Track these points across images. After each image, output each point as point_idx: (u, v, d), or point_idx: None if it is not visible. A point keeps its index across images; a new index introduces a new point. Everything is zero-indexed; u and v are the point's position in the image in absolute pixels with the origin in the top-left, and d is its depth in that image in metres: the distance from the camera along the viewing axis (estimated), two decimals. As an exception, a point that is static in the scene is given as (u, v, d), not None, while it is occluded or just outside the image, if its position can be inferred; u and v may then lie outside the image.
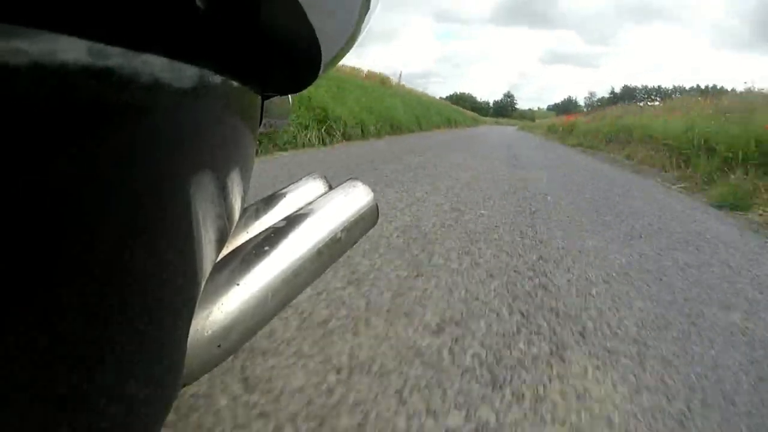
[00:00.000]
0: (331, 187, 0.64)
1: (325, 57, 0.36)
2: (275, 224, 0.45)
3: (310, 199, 0.53)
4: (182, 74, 0.23)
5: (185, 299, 0.27)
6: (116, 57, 0.17)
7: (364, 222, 0.50)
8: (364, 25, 0.41)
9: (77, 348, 0.17)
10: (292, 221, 0.45)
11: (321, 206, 0.48)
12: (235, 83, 0.33)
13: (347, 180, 0.54)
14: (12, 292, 0.14)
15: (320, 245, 0.44)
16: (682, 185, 4.51)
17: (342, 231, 0.47)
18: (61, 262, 0.15)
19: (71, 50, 0.15)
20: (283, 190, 0.66)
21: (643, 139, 7.13)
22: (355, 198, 0.50)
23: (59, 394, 0.16)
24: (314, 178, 0.69)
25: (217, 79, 0.28)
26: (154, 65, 0.20)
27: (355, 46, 0.44)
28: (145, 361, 0.22)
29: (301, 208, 0.48)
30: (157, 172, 0.21)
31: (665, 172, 5.38)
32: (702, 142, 5.19)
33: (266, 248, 0.40)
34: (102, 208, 0.17)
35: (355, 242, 0.50)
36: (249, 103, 0.42)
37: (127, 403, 0.21)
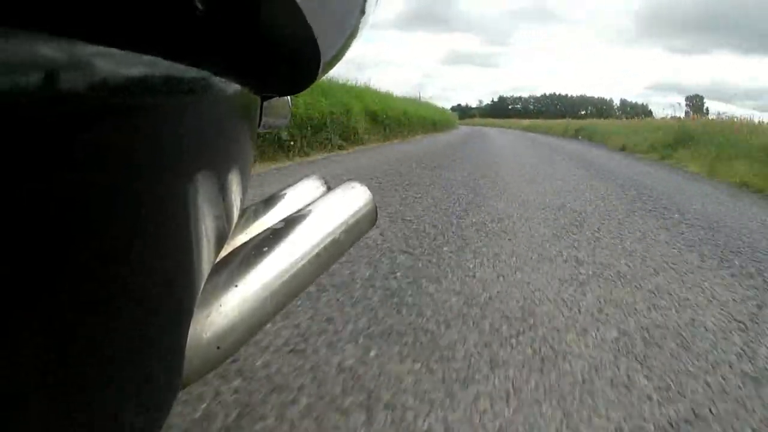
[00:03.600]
0: (329, 189, 0.64)
1: (324, 58, 0.36)
2: (274, 225, 0.45)
3: (309, 201, 0.53)
4: (181, 75, 0.23)
5: (184, 300, 0.27)
6: (116, 58, 0.17)
7: (363, 223, 0.50)
8: (362, 25, 0.41)
9: (76, 348, 0.17)
10: (291, 222, 0.45)
11: (320, 207, 0.48)
12: (234, 84, 0.33)
13: (345, 181, 0.54)
14: (10, 292, 0.14)
15: (319, 246, 0.44)
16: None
17: (341, 232, 0.47)
18: (59, 263, 0.15)
19: (70, 51, 0.15)
20: (282, 192, 0.66)
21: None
22: (353, 199, 0.50)
23: (59, 395, 0.16)
24: (313, 180, 0.69)
25: (216, 80, 0.28)
26: (154, 66, 0.20)
27: (353, 45, 0.44)
28: (144, 361, 0.22)
29: (300, 210, 0.48)
30: (155, 172, 0.21)
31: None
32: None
33: (265, 249, 0.40)
34: (100, 208, 0.17)
35: (354, 243, 0.50)
36: (248, 104, 0.42)
37: (127, 403, 0.21)
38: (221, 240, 0.35)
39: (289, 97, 0.73)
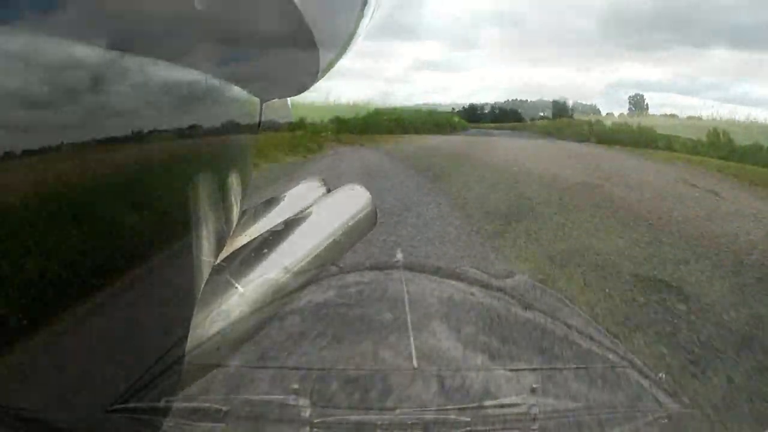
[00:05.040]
0: (329, 191, 0.64)
1: (324, 60, 0.36)
2: (274, 227, 0.45)
3: (309, 203, 0.53)
4: (182, 78, 0.23)
5: (185, 300, 0.27)
6: (116, 60, 0.17)
7: (363, 225, 0.50)
8: (361, 29, 0.41)
9: (78, 348, 0.17)
10: (291, 224, 0.45)
11: (319, 210, 0.48)
12: (234, 87, 0.33)
13: (346, 184, 0.54)
14: (11, 294, 0.14)
15: (318, 248, 0.44)
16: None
17: (340, 234, 0.47)
18: (60, 265, 0.16)
19: (72, 53, 0.15)
20: (282, 194, 0.66)
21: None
22: (353, 201, 0.50)
23: (61, 393, 0.17)
24: (313, 182, 0.69)
25: (216, 82, 0.29)
26: (155, 68, 0.20)
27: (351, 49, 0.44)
28: (144, 361, 0.22)
29: (300, 211, 0.49)
30: (155, 175, 0.22)
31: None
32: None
33: (265, 251, 0.40)
34: (101, 210, 0.18)
35: (354, 244, 0.50)
36: (248, 107, 0.42)
37: (127, 402, 0.21)
38: (222, 241, 0.35)
39: (288, 99, 0.73)
